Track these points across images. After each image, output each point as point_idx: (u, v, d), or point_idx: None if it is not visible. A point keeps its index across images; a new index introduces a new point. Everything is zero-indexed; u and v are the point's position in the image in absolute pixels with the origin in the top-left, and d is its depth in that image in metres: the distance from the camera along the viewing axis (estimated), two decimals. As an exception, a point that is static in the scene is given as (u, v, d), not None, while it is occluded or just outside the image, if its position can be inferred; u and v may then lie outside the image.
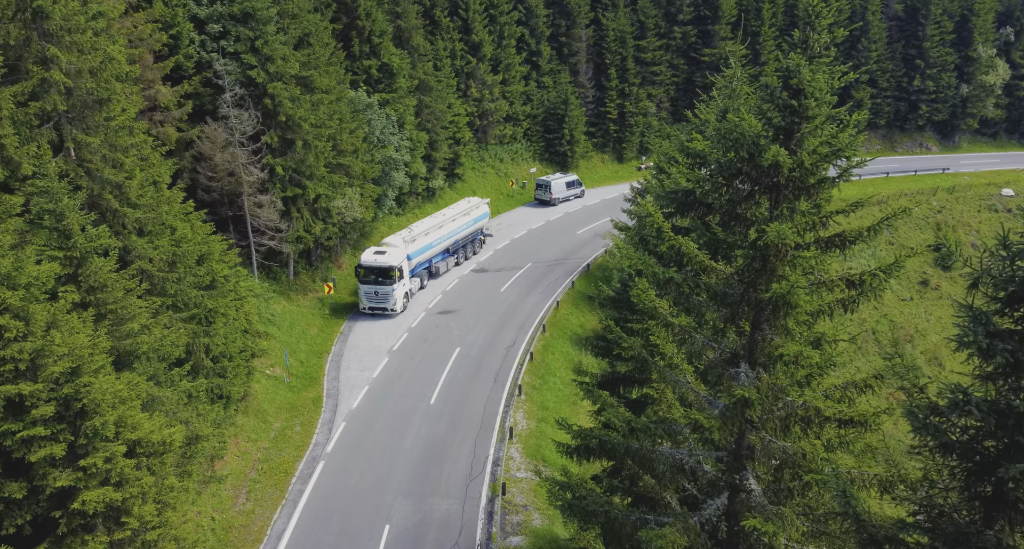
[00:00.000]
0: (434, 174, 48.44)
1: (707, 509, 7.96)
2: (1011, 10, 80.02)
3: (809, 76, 8.79)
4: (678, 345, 8.56)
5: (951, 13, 76.03)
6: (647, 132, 66.82)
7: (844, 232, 9.84)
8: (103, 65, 16.05)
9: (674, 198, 14.08)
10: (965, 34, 76.90)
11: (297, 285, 35.22)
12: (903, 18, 76.06)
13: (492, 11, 55.60)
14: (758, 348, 8.31)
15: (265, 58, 30.01)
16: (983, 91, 78.12)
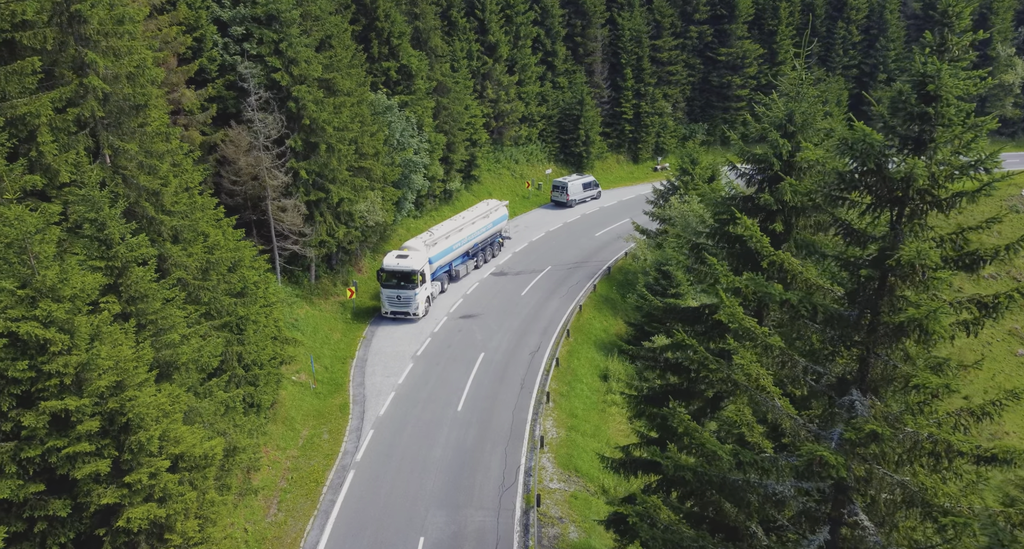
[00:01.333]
0: (451, 176, 48.11)
1: (808, 545, 7.53)
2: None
3: (950, 81, 8.23)
4: (777, 368, 8.15)
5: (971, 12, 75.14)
6: (663, 132, 66.34)
7: (978, 250, 9.19)
8: (140, 70, 15.75)
9: (731, 205, 13.63)
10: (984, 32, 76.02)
11: (319, 289, 34.93)
12: (920, 16, 75.31)
13: (508, 11, 55.23)
14: (871, 373, 7.88)
15: (289, 61, 29.70)
16: (1002, 91, 77.30)
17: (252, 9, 30.07)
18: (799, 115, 13.09)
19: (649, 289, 32.49)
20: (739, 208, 13.49)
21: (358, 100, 34.70)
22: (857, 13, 71.07)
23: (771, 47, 68.25)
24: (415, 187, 41.61)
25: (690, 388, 14.45)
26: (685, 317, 13.99)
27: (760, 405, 8.00)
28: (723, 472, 7.94)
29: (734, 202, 13.64)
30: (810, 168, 13.33)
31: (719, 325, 13.55)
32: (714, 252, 13.68)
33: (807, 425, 7.96)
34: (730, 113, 68.23)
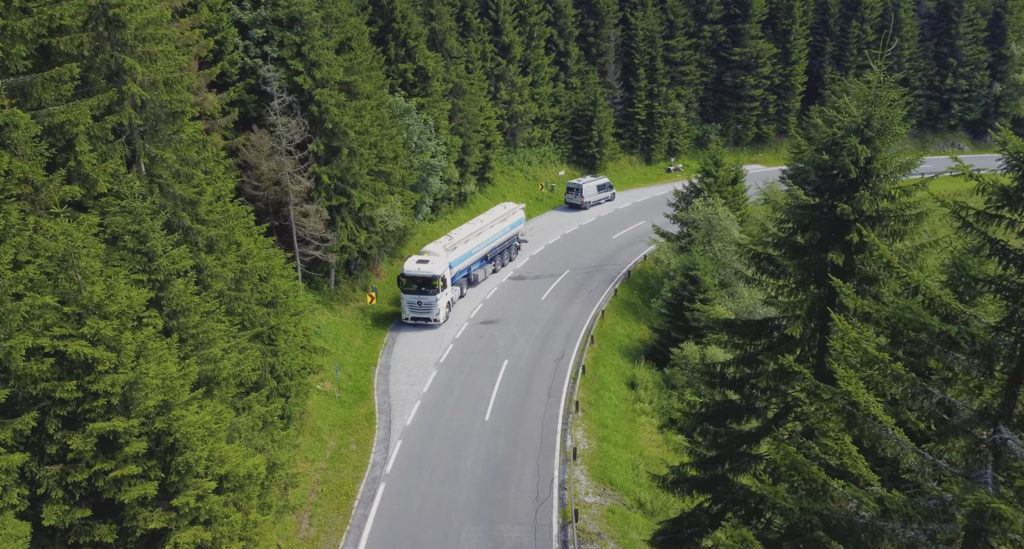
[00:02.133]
0: (466, 179, 47.65)
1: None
2: (1045, 7, 78.52)
3: None
4: (906, 400, 7.65)
5: (984, 10, 74.68)
6: (676, 133, 65.84)
7: None
8: (177, 75, 15.28)
9: (804, 214, 13.11)
10: (998, 32, 75.55)
11: (338, 295, 34.46)
12: (935, 16, 74.80)
13: (522, 12, 54.75)
14: (1018, 408, 7.35)
15: (311, 64, 29.23)
16: (1016, 90, 76.78)
17: (273, 11, 29.59)
18: (877, 119, 12.58)
19: (676, 294, 32.05)
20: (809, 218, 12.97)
21: (378, 103, 34.24)
22: (872, 12, 70.51)
23: (785, 47, 67.69)
24: (432, 191, 41.15)
25: (749, 406, 13.98)
26: (747, 331, 13.50)
27: (878, 438, 7.50)
28: (849, 514, 7.43)
29: (804, 211, 13.12)
30: (890, 175, 12.82)
31: (786, 340, 13.07)
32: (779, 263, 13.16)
33: (936, 462, 7.47)
34: (743, 113, 67.74)
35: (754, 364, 13.47)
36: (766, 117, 69.22)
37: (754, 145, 71.01)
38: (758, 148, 71.12)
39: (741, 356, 13.66)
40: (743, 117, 67.98)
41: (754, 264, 13.73)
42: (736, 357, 13.73)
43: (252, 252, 19.38)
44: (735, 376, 13.79)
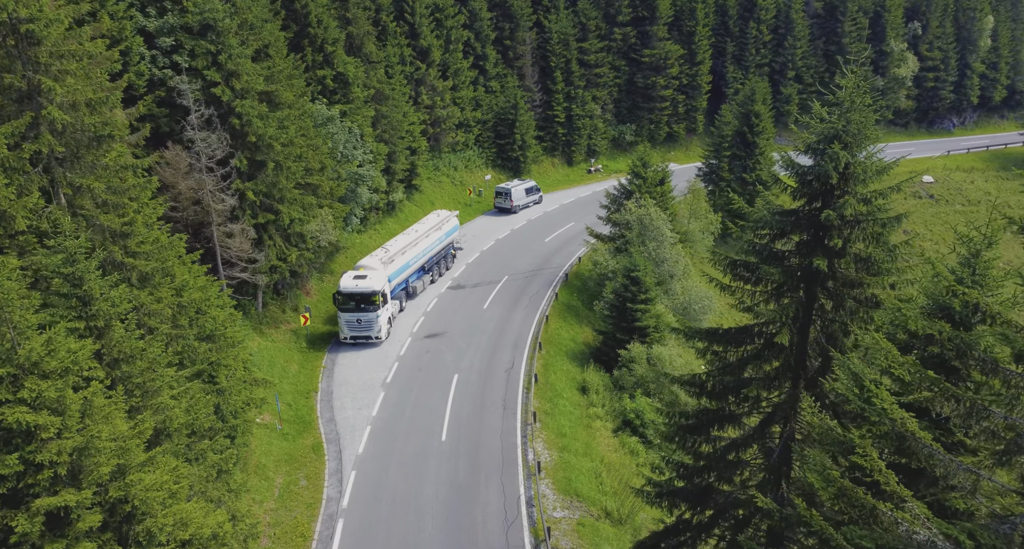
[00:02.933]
0: (393, 187, 46.34)
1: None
2: (917, 5, 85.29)
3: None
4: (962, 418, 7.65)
5: (866, 9, 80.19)
6: (594, 135, 66.86)
7: None
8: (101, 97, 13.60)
9: (784, 220, 13.22)
10: (879, 29, 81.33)
11: (267, 317, 32.54)
12: (823, 15, 79.64)
13: (438, 15, 53.87)
14: None
15: (229, 74, 27.34)
16: (896, 83, 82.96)
17: (181, 18, 27.47)
18: (854, 125, 12.85)
19: (618, 296, 32.28)
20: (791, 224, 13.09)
21: (301, 113, 32.56)
22: (767, 13, 74.20)
23: (690, 48, 70.11)
24: (362, 201, 39.69)
25: (731, 414, 14.01)
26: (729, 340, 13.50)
27: (940, 464, 7.45)
28: (907, 542, 7.34)
29: (784, 217, 13.23)
30: (868, 179, 13.13)
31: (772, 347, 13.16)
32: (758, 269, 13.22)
33: (991, 479, 7.53)
34: (655, 113, 69.63)
35: (738, 372, 13.50)
36: (676, 116, 71.48)
37: (666, 144, 73.20)
38: (670, 146, 73.37)
39: (723, 365, 13.66)
40: (655, 117, 69.89)
41: (730, 271, 13.75)
42: (719, 366, 13.71)
43: (188, 283, 17.76)
44: (717, 386, 13.78)
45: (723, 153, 53.56)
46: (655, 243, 36.34)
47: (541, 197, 56.93)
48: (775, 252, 13.34)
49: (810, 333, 12.88)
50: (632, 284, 31.58)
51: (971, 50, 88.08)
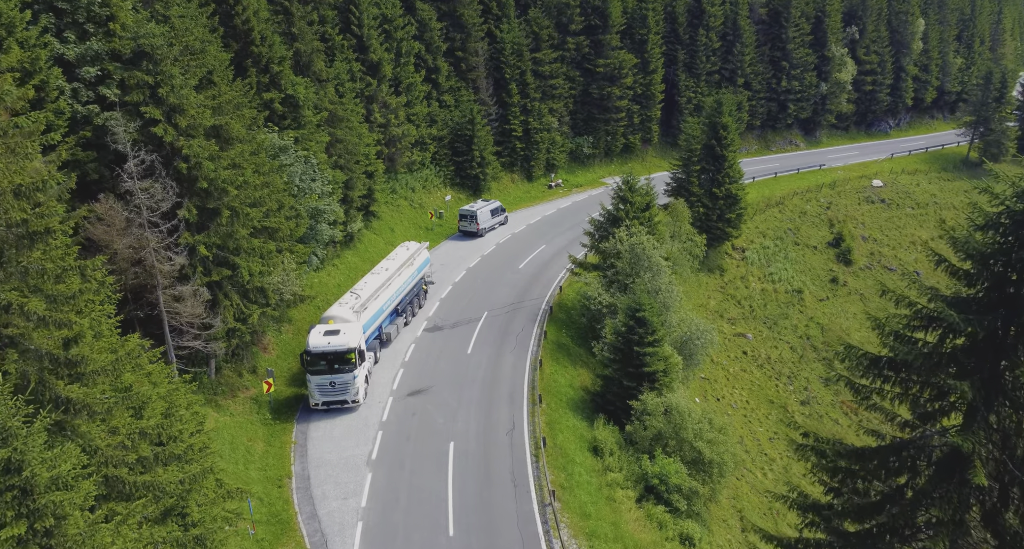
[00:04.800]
0: (352, 216, 42.19)
1: None
2: (854, 9, 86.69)
3: None
4: None
5: (808, 15, 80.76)
6: (552, 148, 64.21)
7: None
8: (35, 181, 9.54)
9: (959, 315, 10.45)
10: (820, 35, 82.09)
11: (222, 385, 28.06)
12: (767, 22, 79.67)
13: (387, 26, 49.88)
14: None
15: (172, 109, 22.92)
16: (838, 88, 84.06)
17: (107, 43, 22.84)
18: None
19: (622, 338, 29.42)
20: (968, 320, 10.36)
21: (255, 148, 28.23)
22: (715, 20, 73.44)
23: (643, 57, 68.39)
24: (323, 239, 35.47)
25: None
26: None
27: None
28: None
29: (960, 310, 10.50)
30: None
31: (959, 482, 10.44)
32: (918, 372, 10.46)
33: None
34: (611, 124, 67.58)
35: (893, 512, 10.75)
36: (632, 127, 69.71)
37: (623, 155, 71.39)
38: (627, 158, 71.57)
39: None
40: (611, 128, 67.87)
41: (872, 372, 10.94)
42: (875, 501, 10.91)
43: (149, 396, 13.68)
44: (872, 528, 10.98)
45: (692, 167, 51.79)
46: (649, 274, 33.77)
47: (507, 217, 53.78)
48: (940, 353, 10.65)
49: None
50: (638, 325, 28.80)
51: (905, 53, 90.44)
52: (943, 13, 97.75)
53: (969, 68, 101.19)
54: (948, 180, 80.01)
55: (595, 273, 36.98)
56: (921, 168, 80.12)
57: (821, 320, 54.10)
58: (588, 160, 68.50)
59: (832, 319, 54.69)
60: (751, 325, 49.85)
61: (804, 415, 42.46)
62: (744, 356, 45.94)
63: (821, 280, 58.99)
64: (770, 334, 49.68)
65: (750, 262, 56.39)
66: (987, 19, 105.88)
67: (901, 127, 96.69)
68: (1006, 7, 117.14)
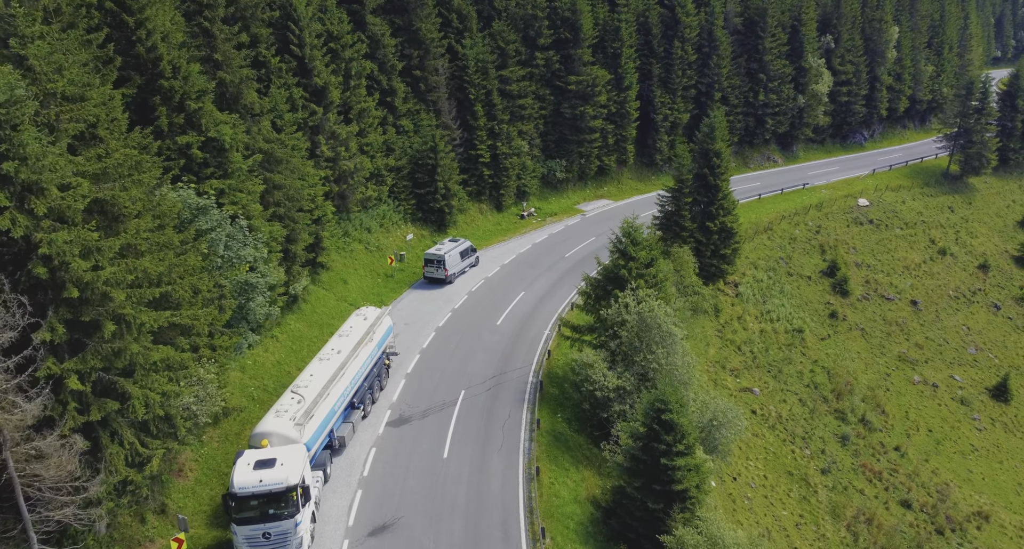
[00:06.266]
0: (295, 275, 35.34)
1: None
2: (829, 18, 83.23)
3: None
4: None
5: (784, 24, 76.80)
6: (523, 174, 58.25)
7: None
8: None
9: None
10: (797, 45, 78.26)
11: (120, 539, 21.01)
12: (743, 32, 75.37)
13: (333, 45, 43.10)
14: None
15: (26, 189, 16.00)
16: (815, 100, 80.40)
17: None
18: None
19: (642, 443, 23.46)
20: None
21: (160, 221, 21.33)
22: (690, 31, 68.66)
23: (617, 72, 63.05)
24: (256, 316, 28.61)
25: None
26: None
27: None
28: None
29: None
30: None
31: None
32: None
33: None
34: (585, 146, 62.01)
35: None
36: (606, 148, 64.35)
37: (598, 178, 66.00)
38: (602, 181, 66.26)
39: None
40: (585, 150, 62.29)
41: None
42: None
43: None
44: None
45: (683, 199, 46.40)
46: (663, 349, 27.96)
47: (478, 259, 47.55)
48: None
49: None
50: (664, 430, 22.89)
51: (879, 62, 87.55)
52: (914, 20, 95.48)
53: (939, 76, 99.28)
54: (931, 196, 77.00)
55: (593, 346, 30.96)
56: (904, 184, 76.92)
57: (825, 363, 49.37)
58: (561, 185, 62.77)
59: (837, 361, 50.04)
60: (755, 376, 44.69)
61: (827, 488, 37.34)
62: (754, 416, 40.67)
63: (820, 315, 54.42)
64: (776, 385, 44.60)
65: (745, 299, 51.38)
66: (955, 25, 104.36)
67: (875, 138, 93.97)
68: (972, 12, 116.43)
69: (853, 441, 42.28)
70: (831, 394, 46.29)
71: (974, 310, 62.95)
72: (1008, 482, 44.96)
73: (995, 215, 79.46)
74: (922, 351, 55.25)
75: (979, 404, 51.30)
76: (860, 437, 43.14)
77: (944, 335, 58.04)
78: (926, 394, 50.67)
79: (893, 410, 47.51)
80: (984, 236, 74.46)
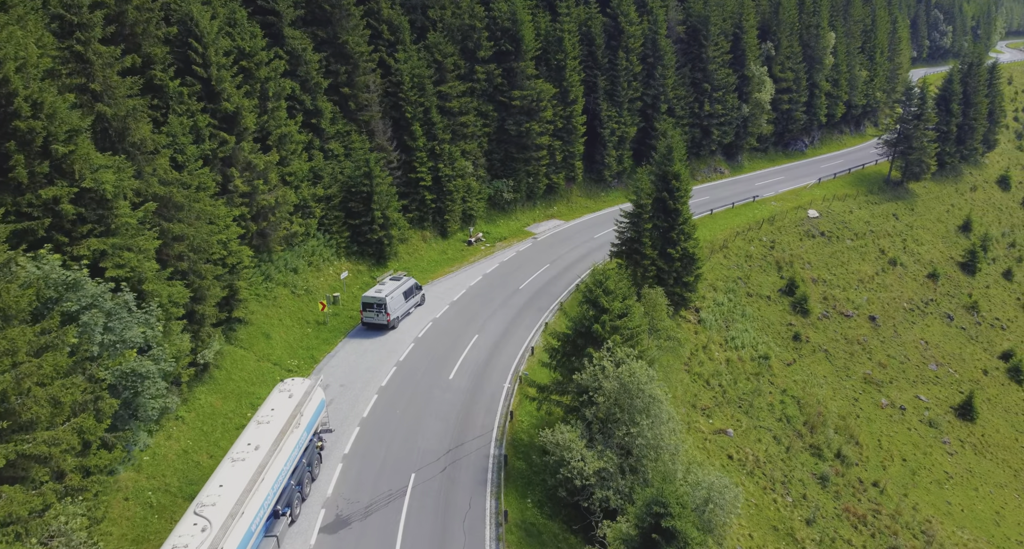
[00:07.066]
0: (204, 339, 29.87)
1: None
2: (768, 24, 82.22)
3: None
4: None
5: (726, 32, 75.08)
6: (468, 197, 53.82)
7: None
8: None
9: None
10: (739, 53, 76.73)
11: None
12: (686, 41, 73.19)
13: (245, 63, 37.58)
14: None
15: None
16: (759, 109, 79.14)
17: None
18: None
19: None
20: None
21: (2, 315, 15.92)
22: (634, 41, 65.75)
23: (562, 85, 59.41)
24: (148, 412, 23.09)
25: None
26: None
27: None
28: None
29: None
30: None
31: None
32: None
33: None
34: (532, 164, 58.10)
35: None
36: (554, 165, 60.65)
37: (547, 197, 62.21)
38: (551, 200, 62.50)
39: None
40: (532, 168, 58.37)
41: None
42: None
43: None
44: None
45: (643, 225, 42.95)
46: (648, 419, 24.08)
47: (423, 297, 42.82)
48: None
49: None
50: (665, 541, 18.88)
51: (818, 69, 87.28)
52: (848, 25, 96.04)
53: (872, 80, 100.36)
54: (876, 204, 76.75)
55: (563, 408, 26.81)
56: (850, 192, 76.35)
57: (794, 391, 46.89)
58: (509, 206, 58.64)
59: (805, 388, 47.66)
60: (727, 413, 41.62)
61: (815, 542, 34.39)
62: (731, 461, 37.45)
63: (783, 338, 52.10)
64: (749, 422, 41.64)
65: (708, 326, 48.44)
66: (885, 29, 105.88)
67: (815, 145, 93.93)
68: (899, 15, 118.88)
69: (832, 481, 39.68)
70: (804, 427, 43.72)
71: (929, 322, 62.26)
72: (986, 511, 43.42)
73: (936, 220, 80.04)
74: (886, 371, 53.70)
75: (947, 425, 49.95)
76: (839, 475, 40.60)
77: (904, 351, 56.81)
78: (895, 418, 48.92)
79: (866, 439, 45.37)
80: (929, 243, 74.58)
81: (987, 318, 66.63)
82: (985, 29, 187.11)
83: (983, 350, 61.71)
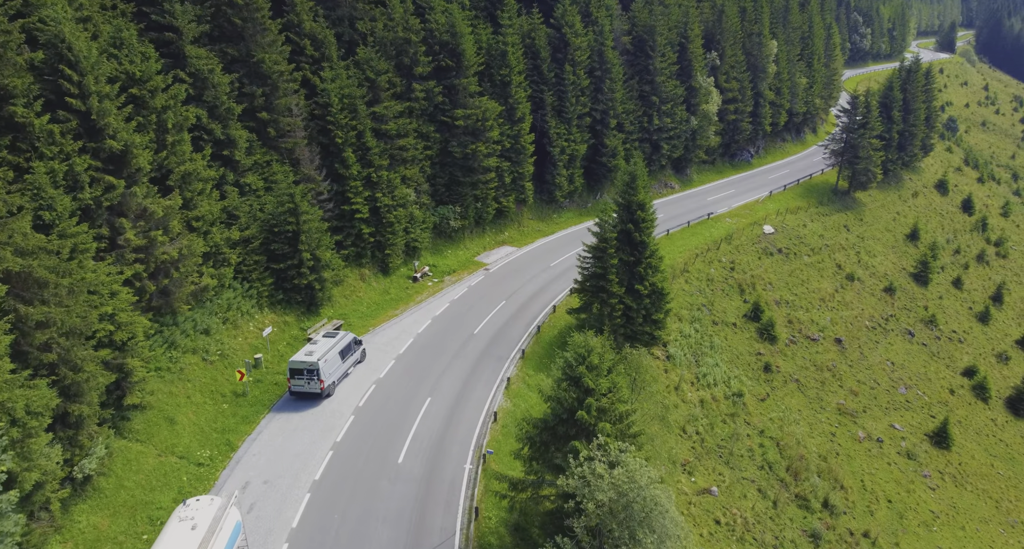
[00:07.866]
0: (85, 444, 23.64)
1: None
2: (712, 33, 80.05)
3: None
4: None
5: (672, 42, 72.26)
6: (412, 227, 48.42)
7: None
8: None
9: None
10: (685, 64, 74.13)
11: None
12: (633, 52, 69.89)
13: (136, 90, 31.22)
14: None
15: None
16: (706, 121, 76.77)
17: None
18: None
19: None
20: None
21: None
22: (581, 54, 61.80)
23: (508, 103, 54.85)
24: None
25: None
26: None
27: None
28: None
29: None
30: None
31: None
32: None
33: None
34: (480, 188, 53.27)
35: None
36: (504, 188, 55.97)
37: (497, 222, 57.42)
38: (502, 225, 57.75)
39: None
40: (480, 192, 53.55)
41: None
42: None
43: None
44: None
45: (608, 260, 38.72)
46: (653, 534, 19.52)
47: (364, 351, 37.26)
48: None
49: None
50: None
51: (762, 77, 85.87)
52: (788, 32, 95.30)
53: (812, 87, 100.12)
54: (827, 215, 75.44)
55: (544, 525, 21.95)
56: (801, 205, 74.73)
57: (772, 431, 43.64)
58: (456, 235, 53.57)
59: (782, 427, 44.50)
60: (708, 466, 37.81)
61: (821, 621, 30.79)
62: (719, 528, 33.53)
63: (754, 370, 48.94)
64: (732, 475, 37.96)
65: (677, 362, 44.71)
66: (821, 36, 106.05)
67: (760, 154, 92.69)
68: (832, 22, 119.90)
69: (825, 538, 36.34)
70: (788, 474, 40.39)
71: (892, 340, 60.67)
72: (976, 552, 41.23)
73: (885, 230, 79.51)
74: (858, 399, 51.32)
75: (924, 456, 47.82)
76: (829, 529, 37.38)
77: (873, 375, 54.72)
78: (874, 453, 46.37)
79: (850, 481, 42.48)
80: (882, 254, 73.68)
81: (945, 331, 65.82)
82: (900, 30, 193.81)
83: (946, 367, 60.55)
